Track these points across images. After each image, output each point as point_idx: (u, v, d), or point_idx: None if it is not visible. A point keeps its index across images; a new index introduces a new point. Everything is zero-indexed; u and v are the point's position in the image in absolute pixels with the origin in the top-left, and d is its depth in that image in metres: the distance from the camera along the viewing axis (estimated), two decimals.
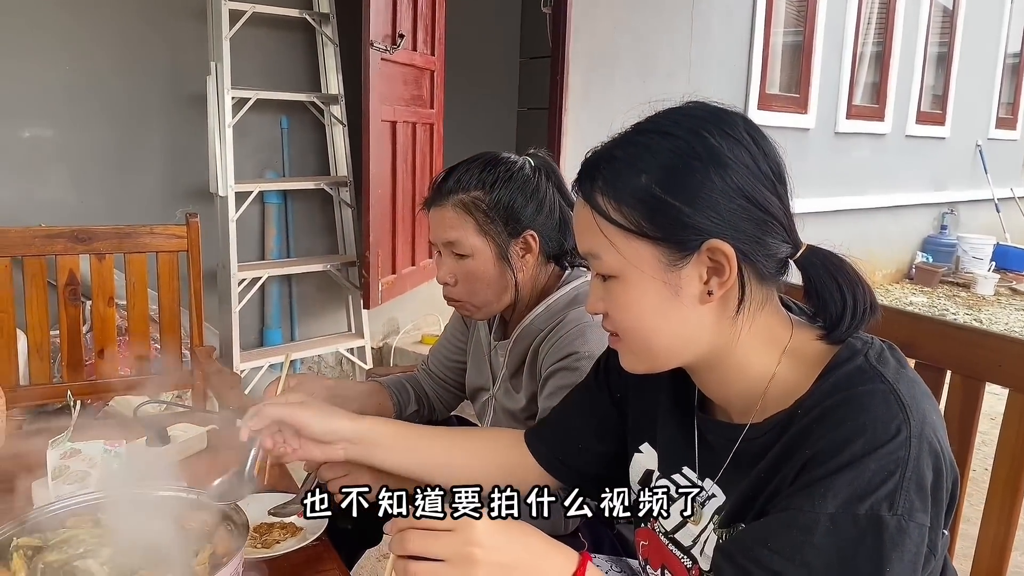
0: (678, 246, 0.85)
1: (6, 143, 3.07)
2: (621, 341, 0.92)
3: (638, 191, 0.85)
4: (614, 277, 0.88)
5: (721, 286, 0.85)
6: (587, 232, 0.90)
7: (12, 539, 1.03)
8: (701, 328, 0.87)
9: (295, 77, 3.68)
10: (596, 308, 0.93)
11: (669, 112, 0.91)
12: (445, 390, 1.67)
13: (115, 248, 2.21)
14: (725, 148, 0.85)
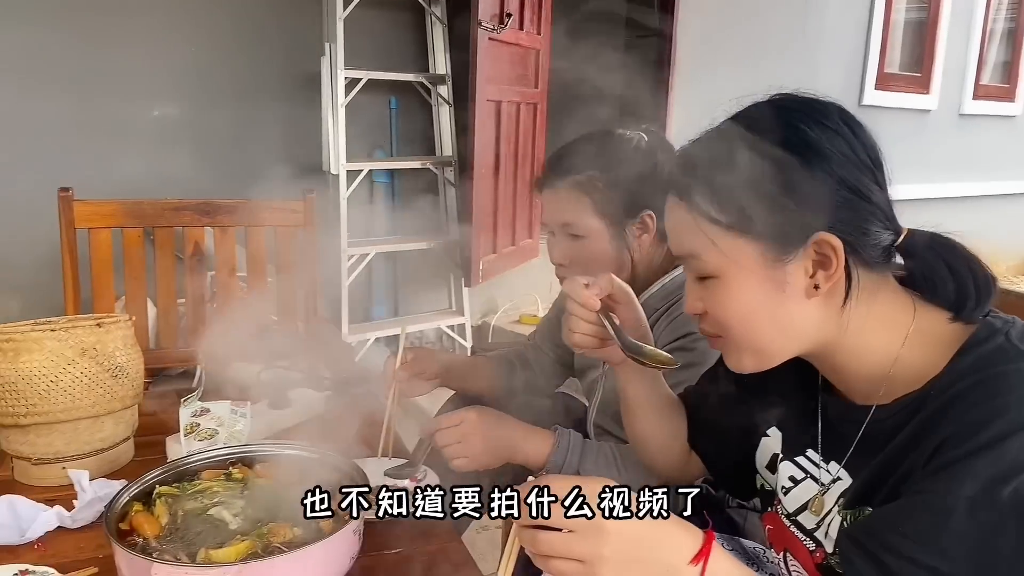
0: (783, 241, 0.83)
1: (137, 121, 3.26)
2: (724, 341, 0.91)
3: (737, 188, 0.84)
4: (714, 277, 0.87)
5: (828, 279, 0.83)
6: (685, 233, 0.88)
7: (155, 487, 1.10)
8: (808, 321, 0.86)
9: (404, 58, 3.75)
10: (695, 308, 0.91)
11: (762, 106, 0.89)
12: (552, 365, 1.68)
13: (237, 221, 2.31)
14: (823, 139, 0.83)
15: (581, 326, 1.08)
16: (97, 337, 1.40)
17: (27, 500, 1.25)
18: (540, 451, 1.29)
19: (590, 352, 1.11)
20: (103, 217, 2.16)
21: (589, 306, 1.06)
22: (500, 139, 3.64)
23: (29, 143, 3.08)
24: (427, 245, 3.78)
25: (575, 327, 1.08)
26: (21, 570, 1.09)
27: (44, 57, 3.08)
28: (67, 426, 1.36)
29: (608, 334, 1.06)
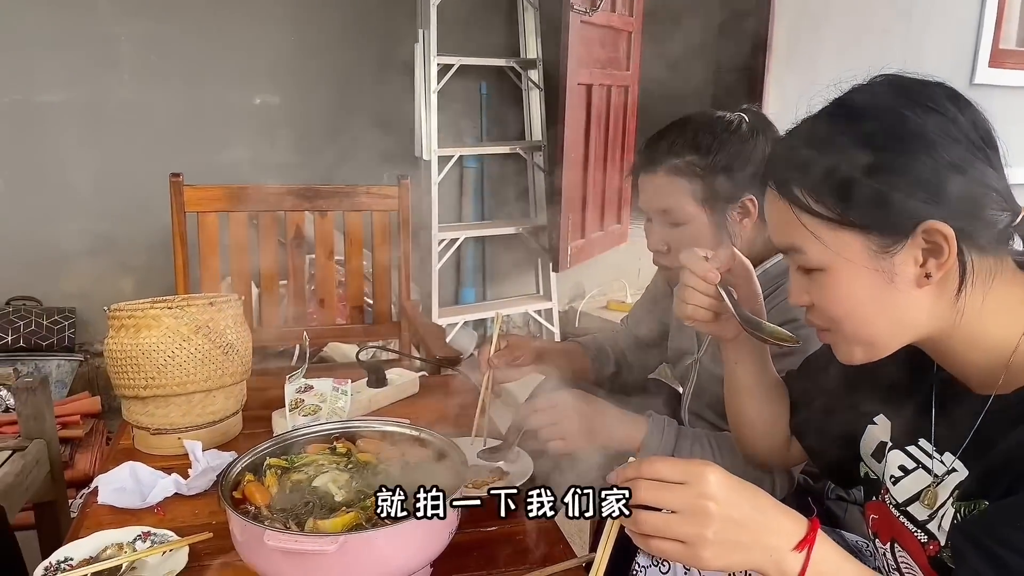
0: (890, 232, 0.79)
1: (240, 109, 3.39)
2: (833, 333, 0.88)
3: (840, 179, 0.80)
4: (819, 270, 0.84)
5: (940, 267, 0.79)
6: (786, 226, 0.86)
7: (265, 458, 1.16)
8: (920, 311, 0.82)
9: (495, 43, 3.76)
10: (801, 301, 0.89)
11: (863, 90, 0.85)
12: (644, 351, 1.67)
13: (335, 206, 2.38)
14: (929, 124, 0.79)
15: (696, 298, 1.06)
16: (210, 315, 1.48)
17: (147, 467, 1.33)
18: (633, 435, 1.29)
19: (701, 326, 1.09)
20: (211, 201, 2.27)
21: (709, 279, 1.04)
22: (590, 123, 3.61)
23: (142, 132, 3.25)
24: (515, 230, 3.81)
25: (690, 299, 1.07)
26: (143, 532, 1.17)
27: (156, 50, 3.23)
28: (182, 399, 1.44)
29: (723, 308, 1.04)
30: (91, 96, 3.17)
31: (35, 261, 3.17)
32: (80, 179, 3.20)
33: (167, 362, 1.42)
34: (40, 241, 3.18)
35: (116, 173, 3.23)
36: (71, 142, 3.17)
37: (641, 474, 0.76)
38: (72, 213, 3.21)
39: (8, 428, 2.55)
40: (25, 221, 3.15)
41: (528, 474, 1.33)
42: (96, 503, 1.27)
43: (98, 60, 3.16)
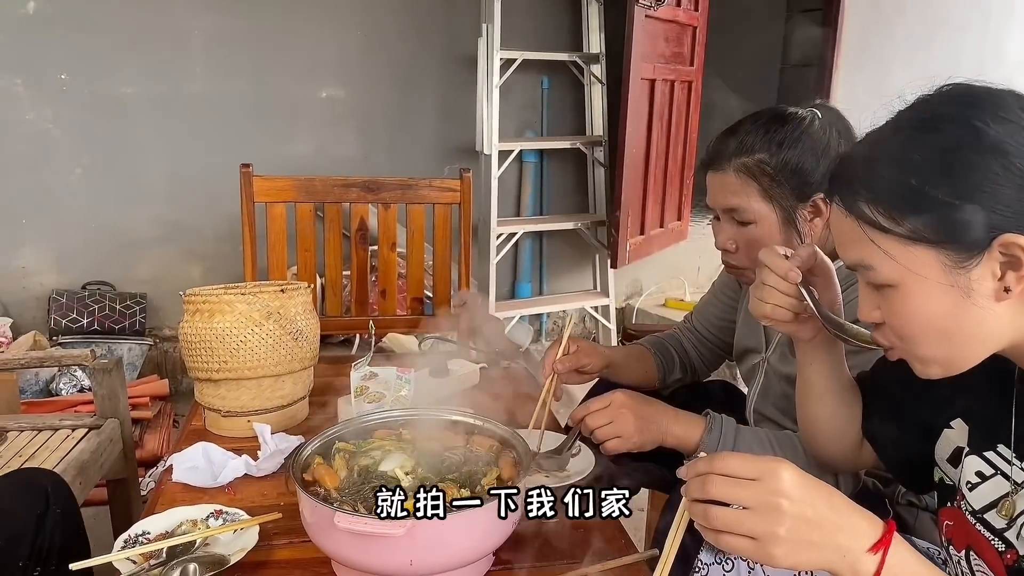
0: (965, 247, 0.77)
1: (307, 103, 3.46)
2: (907, 350, 0.85)
3: (911, 194, 0.78)
4: (890, 286, 0.82)
5: (1020, 280, 0.76)
6: (854, 243, 0.83)
7: (334, 443, 1.18)
8: (999, 325, 0.79)
9: (558, 37, 3.76)
10: (872, 317, 0.87)
11: (930, 101, 0.82)
12: (709, 350, 1.65)
13: (399, 198, 2.41)
14: (1002, 134, 0.76)
15: (776, 297, 1.04)
16: (280, 302, 1.51)
17: (219, 448, 1.38)
18: (691, 434, 1.28)
19: (780, 326, 1.07)
20: (279, 192, 2.32)
21: (790, 279, 1.03)
22: (652, 118, 3.58)
23: (213, 123, 3.34)
24: (574, 225, 3.80)
25: (768, 298, 1.05)
26: (216, 510, 1.20)
27: (227, 45, 3.32)
28: (252, 383, 1.48)
29: (803, 308, 1.03)
30: (165, 89, 3.27)
31: (110, 247, 3.29)
32: (153, 169, 3.31)
33: (239, 346, 1.47)
34: (115, 228, 3.30)
35: (187, 163, 3.33)
36: (146, 133, 3.28)
37: (713, 469, 0.75)
38: (145, 201, 3.32)
39: (83, 407, 2.67)
40: (101, 208, 3.28)
41: (589, 470, 1.33)
42: (170, 481, 1.32)
43: (172, 54, 3.26)
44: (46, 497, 1.24)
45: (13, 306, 3.21)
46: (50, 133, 3.18)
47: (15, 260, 3.23)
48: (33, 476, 1.31)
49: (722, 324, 1.60)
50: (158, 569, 1.05)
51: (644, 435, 1.27)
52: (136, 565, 1.07)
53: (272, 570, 1.09)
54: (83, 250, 3.28)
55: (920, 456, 1.00)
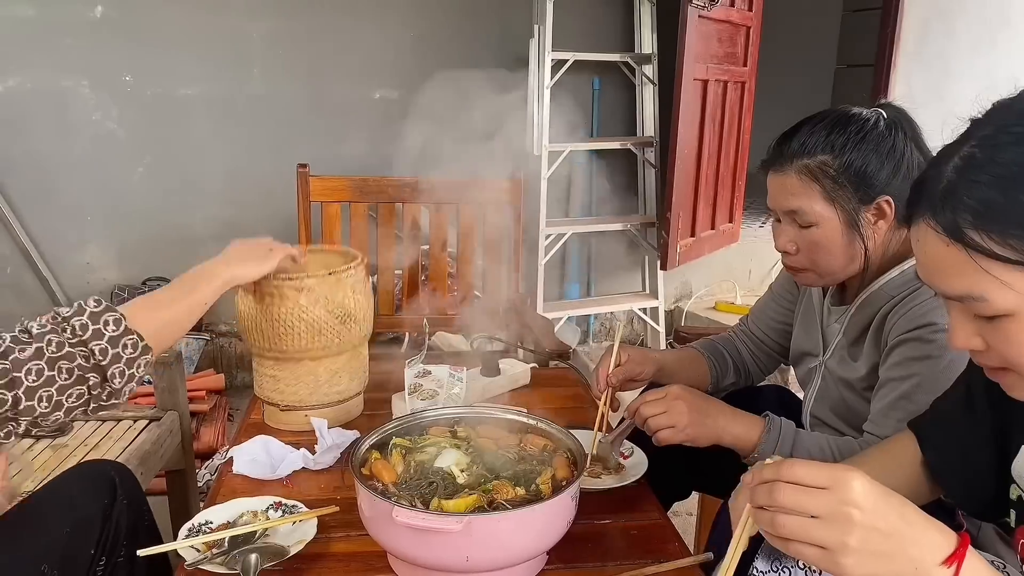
0: None
1: (361, 104, 3.51)
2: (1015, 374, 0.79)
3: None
4: (1005, 316, 0.75)
5: None
6: (960, 274, 0.75)
7: (391, 438, 1.20)
8: None
9: (610, 38, 3.74)
10: (972, 345, 0.79)
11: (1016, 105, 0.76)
12: (764, 353, 1.63)
13: (451, 198, 2.43)
14: None
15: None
16: (329, 286, 1.52)
17: (278, 441, 1.41)
18: (750, 435, 1.26)
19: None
20: (334, 192, 2.36)
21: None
22: (704, 119, 3.55)
23: (269, 124, 3.41)
24: (623, 226, 3.78)
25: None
26: (275, 502, 1.23)
27: (283, 46, 3.39)
28: (309, 378, 1.51)
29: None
30: (223, 90, 3.35)
31: (169, 244, 3.38)
32: (211, 168, 3.39)
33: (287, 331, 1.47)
34: (174, 225, 3.39)
35: (243, 163, 3.41)
36: (204, 133, 3.36)
37: (780, 477, 0.74)
38: (203, 200, 3.40)
39: (142, 399, 2.74)
40: (161, 206, 3.37)
41: (643, 471, 1.33)
42: (231, 472, 1.35)
43: (230, 56, 3.33)
44: (113, 487, 1.27)
45: (78, 300, 3.32)
46: (114, 133, 3.28)
47: (80, 256, 3.34)
48: (100, 467, 1.35)
49: (779, 327, 1.58)
50: (221, 557, 1.08)
51: (698, 429, 1.25)
52: (199, 553, 1.10)
53: (330, 562, 1.11)
54: (144, 247, 3.38)
55: (994, 485, 0.97)
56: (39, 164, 3.22)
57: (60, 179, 3.25)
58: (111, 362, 1.08)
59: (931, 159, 0.83)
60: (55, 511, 1.18)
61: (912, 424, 1.08)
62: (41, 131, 3.21)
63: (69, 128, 3.24)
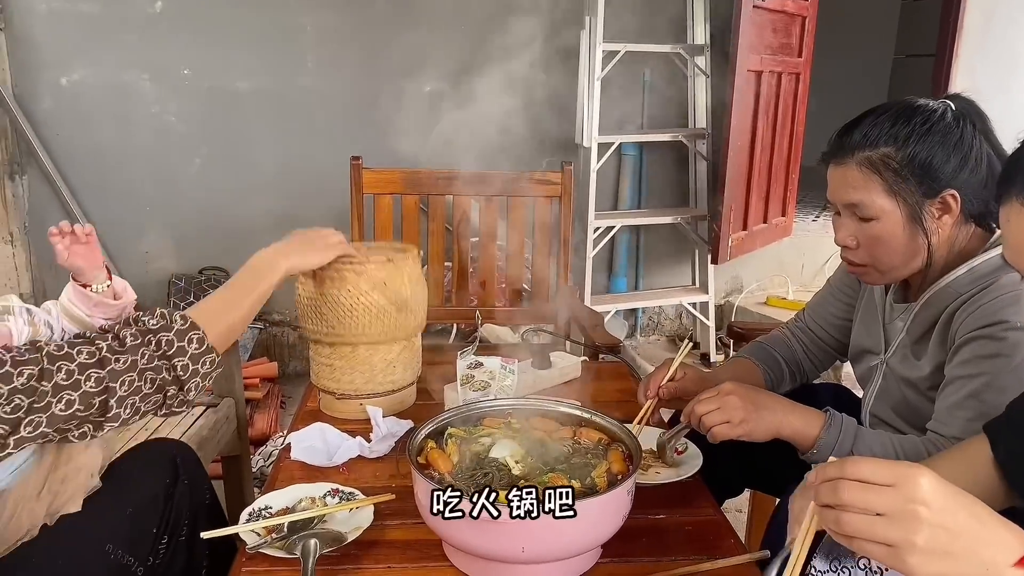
0: None
1: (412, 96, 3.53)
2: None
3: None
4: None
5: None
6: None
7: (446, 428, 1.21)
8: None
9: (661, 29, 3.70)
10: None
11: None
12: (821, 349, 1.59)
13: (501, 190, 2.43)
14: None
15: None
16: (387, 273, 1.54)
17: (335, 429, 1.43)
18: (810, 428, 1.23)
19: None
20: (386, 184, 2.38)
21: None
22: (758, 111, 3.49)
23: (321, 117, 3.45)
24: (673, 219, 3.74)
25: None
26: (333, 489, 1.25)
27: (337, 40, 3.43)
28: (365, 367, 1.53)
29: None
30: (277, 83, 3.40)
31: (224, 234, 3.46)
32: (265, 160, 3.45)
33: (346, 313, 1.50)
34: (229, 216, 3.46)
35: (296, 155, 3.46)
36: (259, 126, 3.42)
37: (844, 474, 0.73)
38: (257, 191, 3.47)
39: None
40: (217, 197, 3.44)
41: (698, 467, 1.32)
42: (289, 458, 1.37)
43: (285, 50, 3.38)
44: (175, 467, 1.30)
45: (137, 289, 3.33)
46: (173, 126, 3.36)
47: (140, 245, 3.43)
48: (162, 447, 1.38)
49: (838, 322, 1.54)
50: (280, 542, 1.10)
51: (755, 423, 1.23)
52: (260, 537, 1.12)
53: (386, 549, 1.12)
54: (200, 237, 3.46)
55: None
56: (101, 155, 3.32)
57: (121, 170, 3.34)
58: (190, 377, 1.12)
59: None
60: (119, 492, 1.21)
61: (986, 427, 1.05)
62: (103, 123, 3.30)
63: (129, 121, 3.32)
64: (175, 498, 1.28)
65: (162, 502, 1.26)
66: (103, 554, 1.12)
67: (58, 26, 3.20)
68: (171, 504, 1.27)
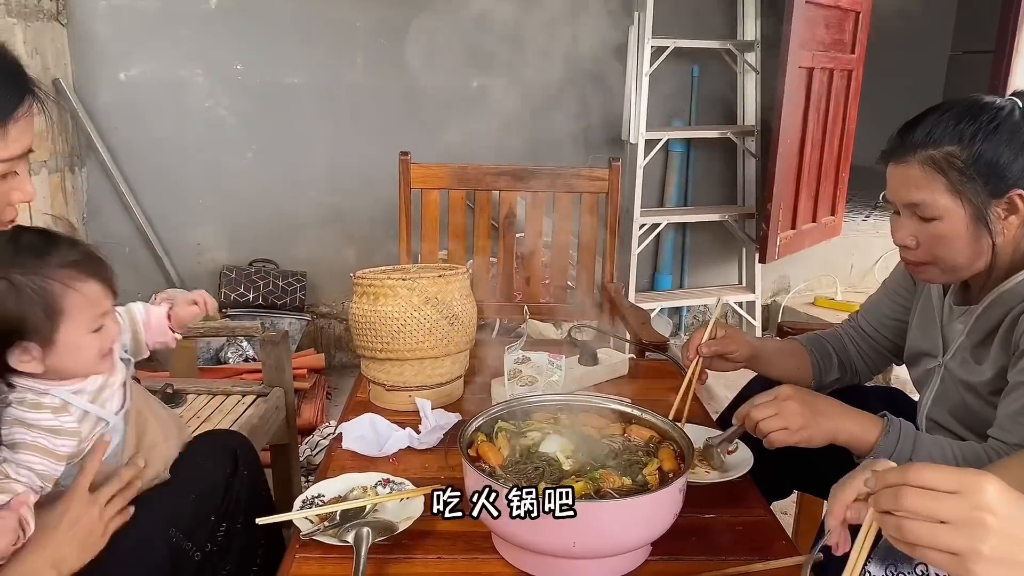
0: None
1: (458, 93, 3.55)
2: None
3: None
4: None
5: None
6: None
7: (496, 422, 1.22)
8: None
9: (711, 25, 3.66)
10: None
11: None
12: (875, 350, 1.56)
13: (547, 186, 2.43)
14: None
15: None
16: (439, 287, 1.57)
17: (384, 420, 1.45)
18: (868, 434, 1.21)
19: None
20: (433, 179, 2.40)
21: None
22: (809, 108, 3.43)
23: (370, 112, 3.49)
24: (720, 217, 3.70)
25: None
26: (384, 479, 1.27)
27: (386, 36, 3.45)
28: (414, 361, 1.55)
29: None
30: (327, 78, 3.45)
31: (274, 227, 3.52)
32: (315, 155, 3.50)
33: (400, 329, 1.53)
34: (279, 209, 3.52)
35: (345, 150, 3.50)
36: (309, 121, 3.47)
37: (907, 481, 0.71)
38: (307, 185, 3.52)
39: (248, 375, 2.87)
40: (268, 191, 3.50)
41: (748, 467, 1.30)
42: (340, 448, 1.40)
43: (336, 45, 3.42)
44: (235, 457, 1.33)
45: (189, 279, 3.50)
46: (225, 120, 3.43)
47: (192, 237, 3.51)
48: (225, 438, 1.41)
49: (893, 324, 1.51)
50: (333, 530, 1.12)
51: (813, 428, 1.21)
52: (313, 524, 1.14)
53: (436, 540, 1.14)
54: (251, 229, 3.52)
55: None
56: (156, 149, 3.40)
57: (175, 163, 3.42)
58: None
59: None
60: (184, 479, 1.24)
61: None
62: (159, 117, 3.38)
63: (184, 115, 3.40)
64: (234, 487, 1.31)
65: (222, 490, 1.29)
66: (165, 538, 1.15)
67: (117, 22, 3.28)
68: (230, 493, 1.30)
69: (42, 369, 1.09)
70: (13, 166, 0.99)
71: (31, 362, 1.08)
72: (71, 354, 1.10)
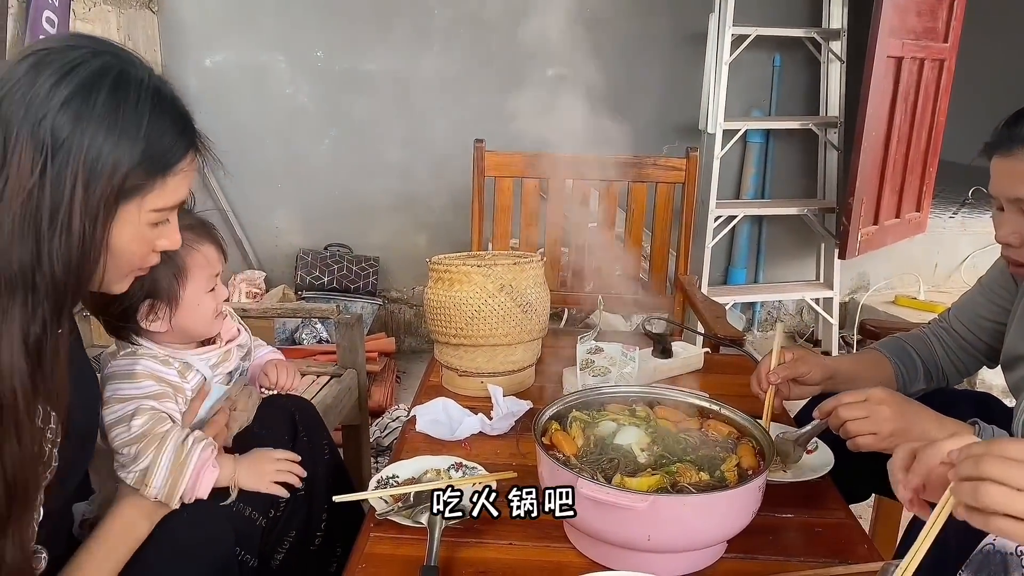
0: None
1: (536, 81, 3.52)
2: None
3: None
4: None
5: None
6: None
7: (570, 411, 1.21)
8: None
9: (794, 13, 3.55)
10: None
11: None
12: (966, 352, 1.49)
13: (623, 176, 2.40)
14: None
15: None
16: (513, 275, 1.56)
17: (457, 404, 1.46)
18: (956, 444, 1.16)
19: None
20: (507, 167, 2.40)
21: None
22: (896, 100, 3.30)
23: (444, 100, 3.51)
24: (798, 211, 3.60)
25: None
26: (456, 462, 1.28)
27: (463, 23, 3.46)
28: (487, 348, 1.55)
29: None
30: (404, 66, 3.48)
31: (349, 212, 3.58)
32: (390, 141, 3.54)
33: (475, 315, 1.54)
34: (354, 194, 3.58)
35: (420, 137, 3.53)
36: (385, 108, 3.51)
37: (990, 451, 0.72)
38: (382, 171, 3.56)
39: (322, 356, 2.93)
40: (344, 176, 3.56)
41: (827, 468, 1.27)
42: (413, 430, 1.41)
43: (413, 34, 3.45)
44: (294, 424, 1.33)
45: (267, 261, 3.59)
46: (305, 106, 3.50)
47: (271, 220, 3.60)
48: (283, 402, 1.38)
49: (989, 325, 1.44)
50: (407, 511, 1.13)
51: (903, 436, 1.15)
52: (387, 504, 1.16)
53: (508, 526, 1.13)
54: (327, 214, 3.59)
55: None
56: (238, 134, 3.48)
57: (255, 148, 3.51)
58: None
59: None
60: (246, 447, 1.23)
61: None
62: (241, 103, 3.47)
63: (265, 101, 3.48)
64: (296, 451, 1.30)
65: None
66: (229, 505, 1.15)
67: (204, 9, 3.38)
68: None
69: (167, 328, 1.16)
70: (166, 215, 0.98)
71: (158, 321, 1.15)
72: (192, 312, 1.17)
